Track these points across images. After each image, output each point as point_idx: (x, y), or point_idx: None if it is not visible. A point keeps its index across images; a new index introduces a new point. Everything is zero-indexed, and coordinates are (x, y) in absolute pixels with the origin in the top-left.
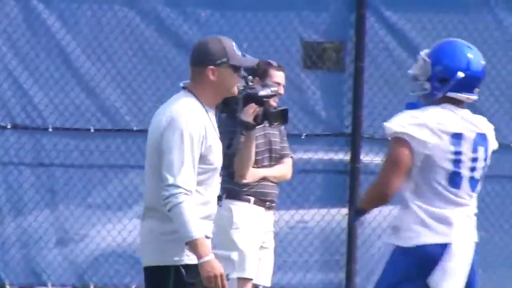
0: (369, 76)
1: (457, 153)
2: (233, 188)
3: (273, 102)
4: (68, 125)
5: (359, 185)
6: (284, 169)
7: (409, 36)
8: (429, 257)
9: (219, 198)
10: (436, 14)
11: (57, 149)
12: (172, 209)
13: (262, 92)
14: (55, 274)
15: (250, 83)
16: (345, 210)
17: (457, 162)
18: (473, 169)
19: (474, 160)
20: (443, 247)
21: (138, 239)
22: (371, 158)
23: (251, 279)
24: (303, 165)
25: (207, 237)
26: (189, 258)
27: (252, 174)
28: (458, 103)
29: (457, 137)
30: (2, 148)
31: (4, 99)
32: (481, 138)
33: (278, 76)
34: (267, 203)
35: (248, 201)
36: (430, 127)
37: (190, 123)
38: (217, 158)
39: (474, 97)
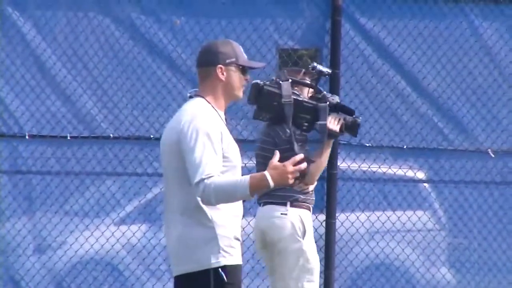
0: (345, 83)
1: None
2: (298, 196)
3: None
4: (45, 133)
5: (336, 191)
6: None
7: (384, 43)
8: None
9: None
10: (411, 20)
11: (34, 157)
12: (210, 198)
13: (334, 101)
14: (34, 282)
15: (325, 93)
16: (322, 217)
17: None
18: None
19: None
20: None
21: (116, 246)
22: (348, 164)
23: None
24: None
25: (237, 239)
26: (226, 259)
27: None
28: None
29: None
30: None
31: None
32: None
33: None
34: (311, 207)
35: (309, 209)
36: None
37: (206, 121)
38: (236, 155)
39: None
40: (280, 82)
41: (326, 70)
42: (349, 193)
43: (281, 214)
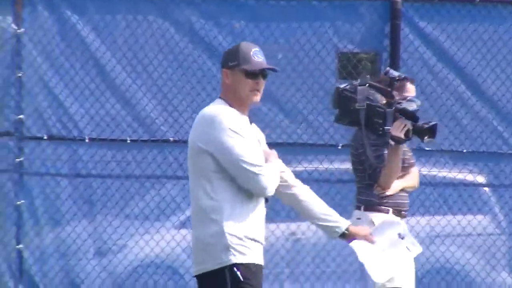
0: None
1: None
2: (372, 200)
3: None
4: (105, 136)
5: None
6: (415, 179)
7: (443, 46)
8: None
9: (266, 200)
10: (470, 24)
11: (94, 160)
12: (268, 189)
13: (411, 108)
14: (94, 285)
15: (397, 98)
16: None
17: None
18: None
19: None
20: None
21: (176, 249)
22: None
23: None
24: (341, 175)
25: (252, 239)
26: (242, 257)
27: (393, 186)
28: None
29: None
30: (38, 159)
31: (40, 110)
32: None
33: (413, 89)
34: (403, 212)
35: (387, 212)
36: None
37: (230, 119)
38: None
39: None
40: (358, 86)
41: (397, 75)
42: (410, 197)
43: (357, 219)
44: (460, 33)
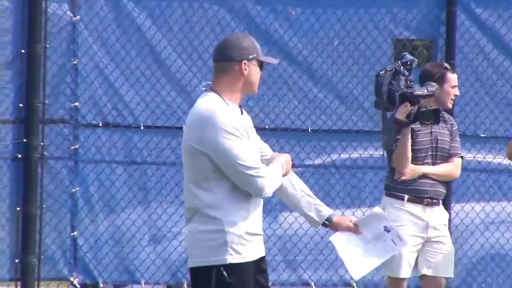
0: (460, 73)
1: None
2: (389, 184)
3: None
4: (160, 123)
5: (451, 182)
6: (450, 168)
7: (500, 33)
8: None
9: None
10: None
11: (149, 147)
12: (266, 191)
13: (418, 92)
14: (149, 272)
15: (410, 83)
16: None
17: None
18: None
19: None
20: None
21: None
22: (463, 154)
23: (405, 279)
24: None
25: (252, 234)
26: (232, 257)
27: (412, 171)
28: None
29: None
30: (94, 146)
31: (95, 97)
32: None
33: (454, 79)
34: (426, 200)
35: (402, 198)
36: None
37: (225, 118)
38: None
39: None
40: (386, 71)
41: (410, 59)
42: (464, 183)
43: (378, 205)
44: None
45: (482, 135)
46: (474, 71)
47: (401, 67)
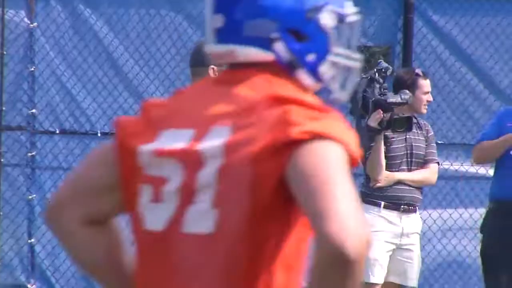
0: None
1: None
2: (364, 191)
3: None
4: None
5: None
6: (426, 174)
7: (457, 40)
8: None
9: None
10: (484, 17)
11: None
12: None
13: (391, 99)
14: None
15: (384, 90)
16: None
17: None
18: None
19: None
20: None
21: None
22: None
23: (378, 284)
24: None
25: None
26: None
27: (386, 178)
28: None
29: None
30: (51, 153)
31: (52, 104)
32: None
33: (426, 85)
34: (403, 206)
35: (378, 205)
36: None
37: None
38: None
39: None
40: (361, 78)
41: (385, 67)
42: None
43: None
44: (474, 26)
45: (440, 142)
46: (432, 78)
47: (376, 74)
